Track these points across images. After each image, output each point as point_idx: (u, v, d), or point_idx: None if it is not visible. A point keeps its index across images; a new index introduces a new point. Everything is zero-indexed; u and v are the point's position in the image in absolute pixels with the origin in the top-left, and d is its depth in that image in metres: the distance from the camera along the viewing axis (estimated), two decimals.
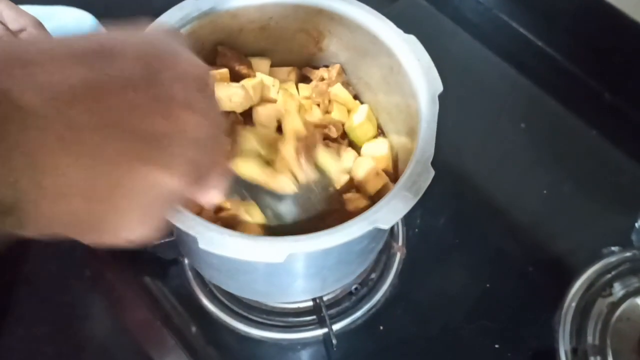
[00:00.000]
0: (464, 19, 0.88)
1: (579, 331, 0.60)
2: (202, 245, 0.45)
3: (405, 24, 0.55)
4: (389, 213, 0.47)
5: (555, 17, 0.82)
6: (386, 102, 0.63)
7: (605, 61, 0.79)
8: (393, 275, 0.67)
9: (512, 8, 0.86)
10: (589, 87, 0.81)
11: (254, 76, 0.62)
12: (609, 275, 0.63)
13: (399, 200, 0.48)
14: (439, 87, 0.54)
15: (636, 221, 0.65)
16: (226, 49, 0.61)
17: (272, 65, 0.65)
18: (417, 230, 0.70)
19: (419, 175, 0.49)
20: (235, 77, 0.61)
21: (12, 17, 0.49)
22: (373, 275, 0.67)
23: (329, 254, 0.51)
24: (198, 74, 0.31)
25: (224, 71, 0.60)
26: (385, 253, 0.68)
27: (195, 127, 0.29)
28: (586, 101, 0.81)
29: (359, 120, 0.63)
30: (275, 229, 0.54)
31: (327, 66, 0.65)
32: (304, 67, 0.67)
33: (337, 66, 0.64)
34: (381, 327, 0.65)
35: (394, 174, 0.61)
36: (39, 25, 0.49)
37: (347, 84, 0.65)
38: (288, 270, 0.54)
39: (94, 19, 0.80)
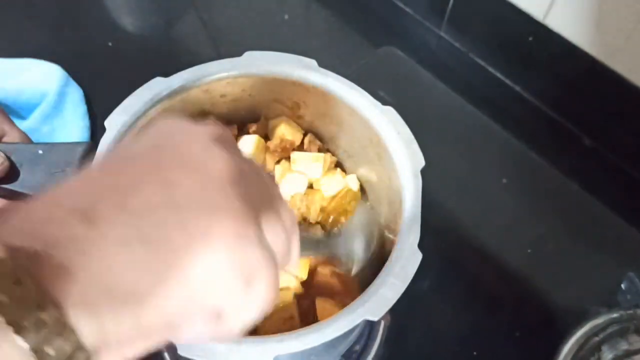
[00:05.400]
0: (441, 65, 0.87)
1: None
2: (182, 352, 0.42)
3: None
4: (378, 303, 0.45)
5: (532, 62, 0.81)
6: (367, 172, 0.61)
7: (583, 106, 0.79)
8: (377, 345, 0.65)
9: (488, 52, 0.86)
10: (568, 132, 0.81)
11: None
12: (597, 339, 0.61)
13: (387, 289, 0.46)
14: (421, 162, 0.52)
15: (622, 281, 0.64)
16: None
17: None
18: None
19: (407, 259, 0.47)
20: None
21: None
22: (357, 347, 0.65)
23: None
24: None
25: None
26: (369, 323, 0.66)
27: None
28: (566, 147, 0.80)
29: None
30: None
31: (306, 133, 0.63)
32: None
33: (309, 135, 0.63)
34: None
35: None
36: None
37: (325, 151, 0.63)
38: None
39: (62, 71, 0.78)
